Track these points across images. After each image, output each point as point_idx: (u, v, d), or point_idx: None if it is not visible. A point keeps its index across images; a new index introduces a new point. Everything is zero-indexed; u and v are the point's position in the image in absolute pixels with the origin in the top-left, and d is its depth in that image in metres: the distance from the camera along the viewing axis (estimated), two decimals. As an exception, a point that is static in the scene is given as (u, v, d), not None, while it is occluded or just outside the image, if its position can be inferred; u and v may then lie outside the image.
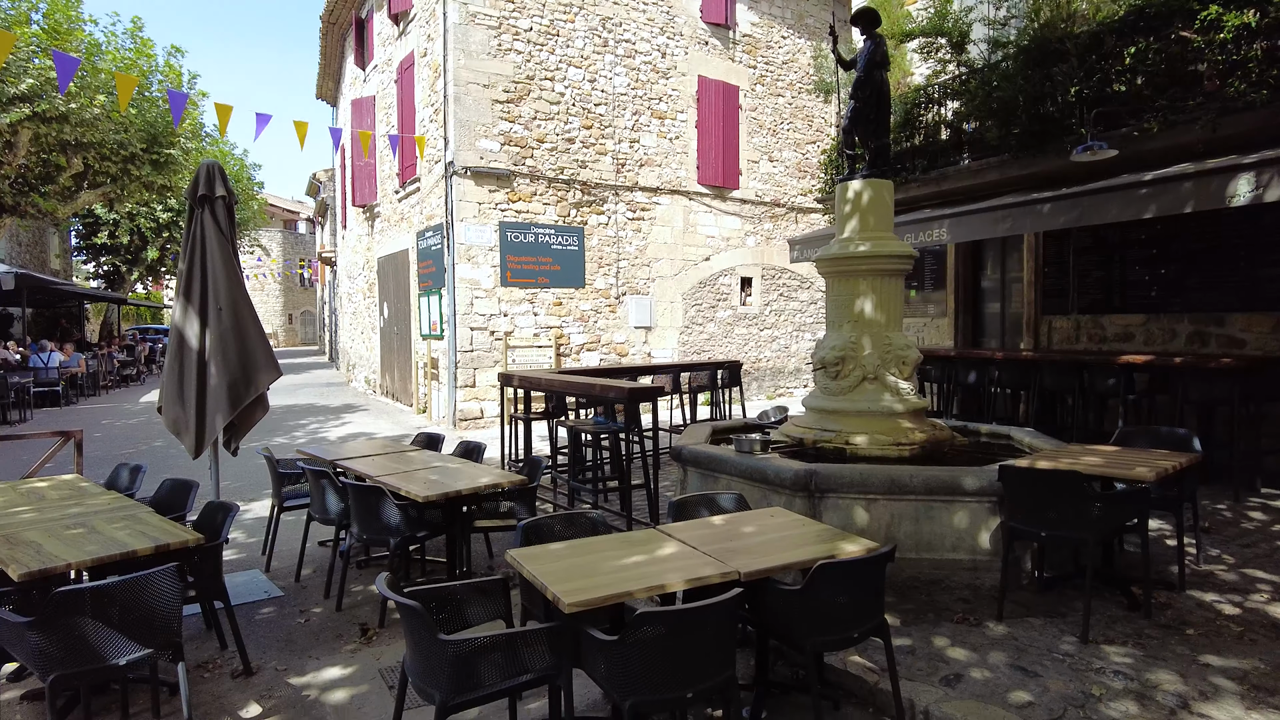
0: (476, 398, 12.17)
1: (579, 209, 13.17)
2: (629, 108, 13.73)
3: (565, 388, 6.16)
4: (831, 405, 5.68)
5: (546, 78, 12.70)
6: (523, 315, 12.59)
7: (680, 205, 14.55)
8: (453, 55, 11.81)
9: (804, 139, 16.63)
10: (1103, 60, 7.16)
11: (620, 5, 13.56)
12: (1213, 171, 6.00)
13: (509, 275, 12.40)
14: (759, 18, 15.66)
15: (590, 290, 13.41)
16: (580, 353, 13.28)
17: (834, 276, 5.84)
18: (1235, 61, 6.29)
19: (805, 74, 16.53)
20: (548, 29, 12.70)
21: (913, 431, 5.51)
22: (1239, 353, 7.77)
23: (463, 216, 11.91)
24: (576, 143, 13.08)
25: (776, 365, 16.33)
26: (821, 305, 17.05)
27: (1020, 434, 6.14)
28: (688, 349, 14.77)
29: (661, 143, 14.20)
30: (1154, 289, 8.53)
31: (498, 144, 12.21)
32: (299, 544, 5.52)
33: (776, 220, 16.18)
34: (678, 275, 14.58)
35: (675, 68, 14.33)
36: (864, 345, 5.66)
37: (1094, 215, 6.78)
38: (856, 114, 5.89)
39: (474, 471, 4.96)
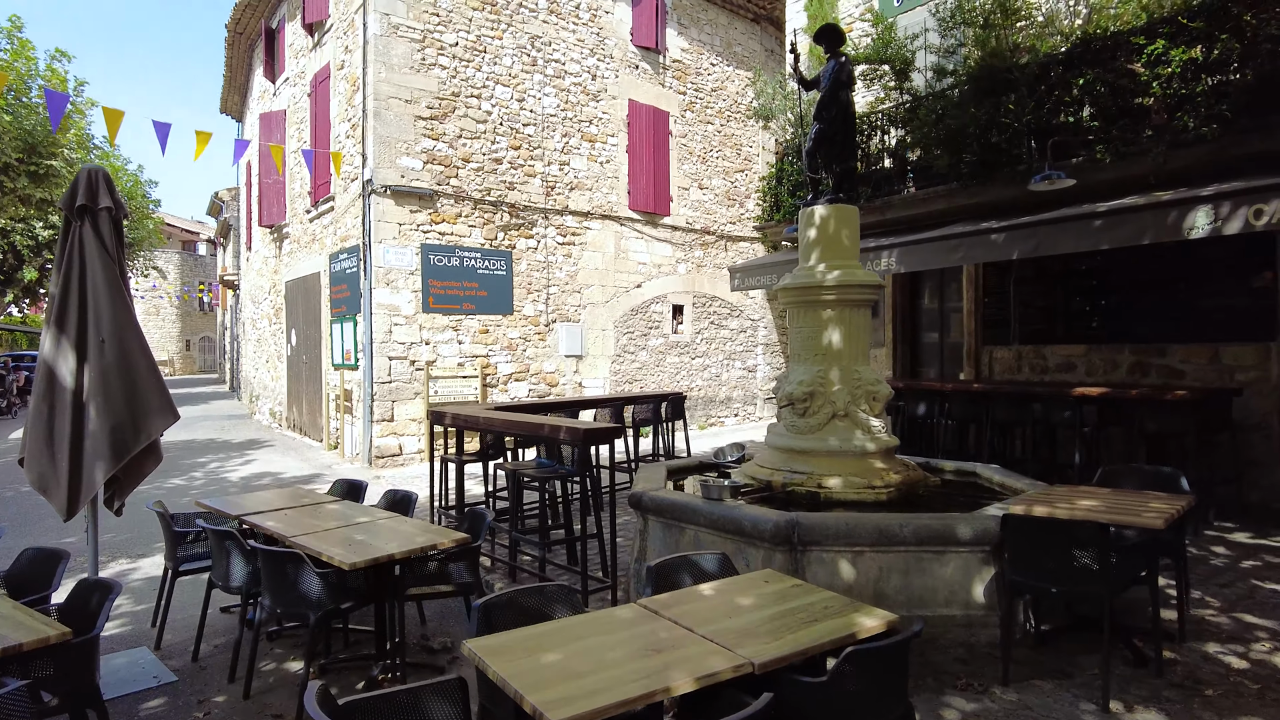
0: (395, 433, 11.31)
1: (507, 232, 12.56)
2: (559, 129, 13.25)
3: (507, 427, 5.54)
4: (800, 444, 5.25)
5: (473, 95, 12.10)
6: (446, 343, 11.84)
7: (612, 231, 14.11)
8: (373, 68, 11.09)
9: (733, 167, 16.51)
10: (1052, 91, 7.10)
11: (550, 24, 13.12)
12: (1171, 203, 5.94)
13: (431, 301, 11.65)
14: (689, 44, 15.51)
15: (519, 317, 12.77)
16: (508, 383, 12.60)
17: (799, 307, 5.46)
18: (1184, 95, 6.29)
19: (734, 102, 16.46)
20: (474, 45, 12.13)
21: (887, 472, 5.13)
22: (1179, 383, 7.81)
23: (381, 238, 11.12)
24: (504, 163, 12.50)
25: (708, 394, 15.99)
26: (751, 334, 16.88)
27: (987, 471, 5.87)
28: (620, 378, 14.27)
29: (592, 166, 13.76)
30: (1095, 320, 8.55)
31: (420, 162, 11.51)
32: (198, 612, 4.70)
33: (707, 248, 15.93)
34: (609, 302, 14.10)
35: (606, 90, 13.96)
36: (832, 380, 5.27)
37: (1051, 246, 6.66)
38: (821, 136, 5.56)
39: (406, 529, 4.29)
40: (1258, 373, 7.40)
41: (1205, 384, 7.62)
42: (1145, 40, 6.46)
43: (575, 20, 13.50)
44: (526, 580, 5.44)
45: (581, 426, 4.78)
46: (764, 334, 17.17)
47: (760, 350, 17.11)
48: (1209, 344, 7.68)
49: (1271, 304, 7.29)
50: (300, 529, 4.35)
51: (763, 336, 17.14)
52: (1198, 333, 7.76)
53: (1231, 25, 6.00)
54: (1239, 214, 5.56)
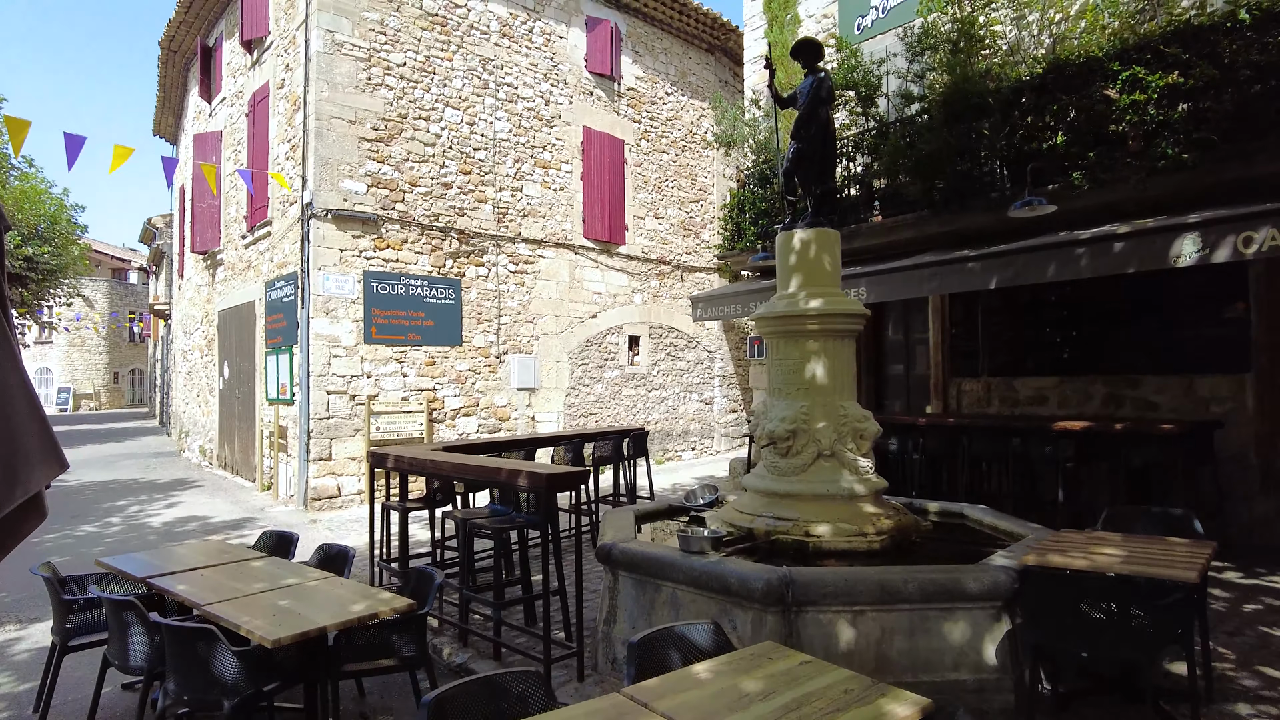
0: (333, 473, 10.54)
1: (456, 259, 11.98)
2: (511, 154, 12.79)
3: (458, 471, 4.96)
4: (783, 487, 4.80)
5: (421, 117, 11.58)
6: (390, 376, 11.15)
7: (566, 259, 13.64)
8: (315, 87, 10.50)
9: (688, 197, 16.25)
10: (1025, 116, 6.92)
11: (502, 47, 12.72)
12: (1156, 230, 5.73)
13: (374, 331, 10.98)
14: (643, 72, 15.28)
15: (468, 348, 12.15)
16: (456, 418, 11.94)
17: (779, 337, 5.04)
18: (1161, 122, 6.14)
19: (689, 132, 16.27)
20: (423, 65, 11.64)
21: (879, 518, 4.71)
22: (1154, 415, 7.63)
23: (321, 264, 10.45)
24: (454, 188, 11.96)
25: (665, 428, 15.52)
26: (708, 365, 16.51)
27: (975, 512, 5.50)
28: (575, 412, 13.71)
29: (546, 193, 13.32)
30: (1067, 351, 8.36)
31: (364, 185, 10.91)
32: (90, 693, 3.99)
33: (663, 278, 15.58)
34: (564, 333, 13.58)
35: (560, 116, 13.59)
36: (817, 416, 4.85)
37: (1030, 274, 6.41)
38: (799, 156, 5.19)
39: (341, 593, 3.68)
40: (1234, 404, 7.25)
41: (1180, 416, 7.45)
42: (1120, 66, 6.31)
43: (528, 44, 13.13)
44: (479, 644, 4.84)
45: (544, 471, 4.24)
46: (721, 366, 16.83)
47: (718, 382, 16.75)
48: (1183, 375, 7.52)
49: (1245, 335, 7.16)
50: (218, 594, 3.72)
51: (719, 368, 16.80)
52: (1172, 364, 7.60)
53: (1209, 51, 5.87)
54: (1227, 242, 5.36)
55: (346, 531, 9.10)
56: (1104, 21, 7.61)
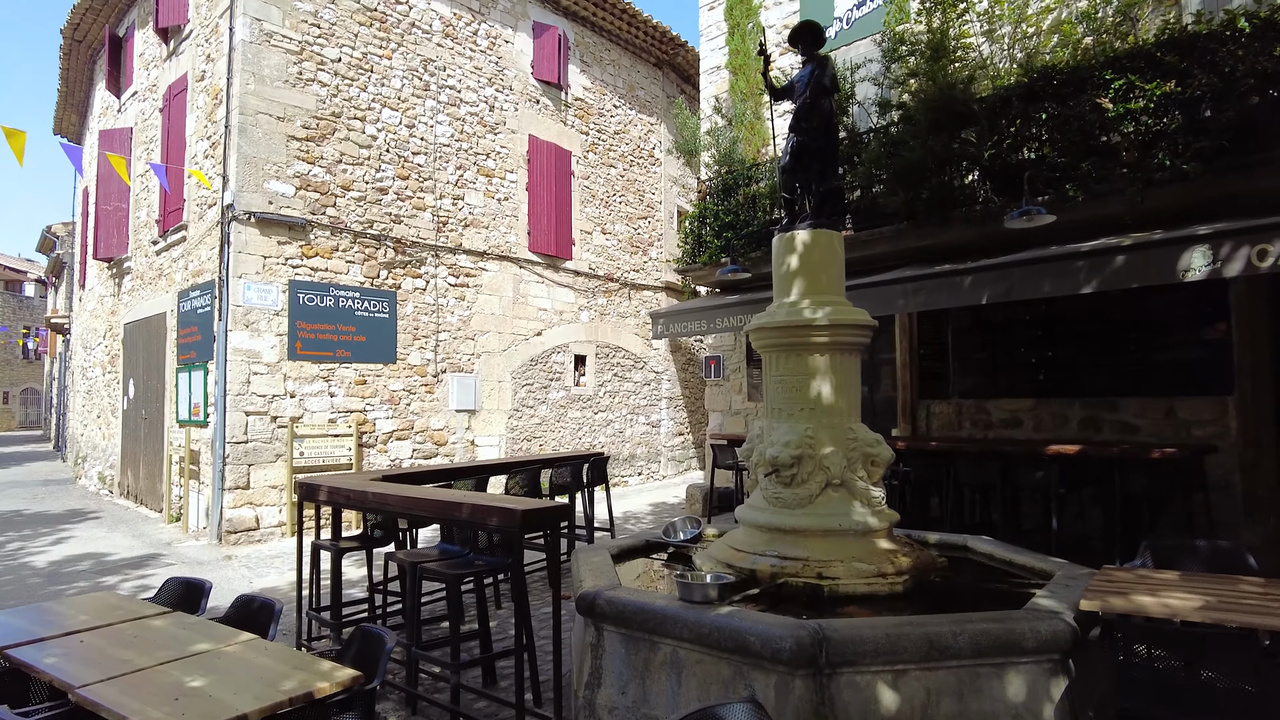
0: (251, 502, 9.49)
1: (391, 270, 11.12)
2: (453, 161, 12.03)
3: (406, 506, 4.18)
4: (788, 521, 4.20)
5: (356, 117, 10.75)
6: (316, 396, 10.18)
7: (510, 273, 12.91)
8: (240, 79, 9.57)
9: (636, 213, 15.75)
10: (1012, 125, 6.60)
11: (445, 48, 12.00)
12: (1162, 243, 5.41)
13: (300, 346, 10.01)
14: (591, 83, 14.75)
15: (403, 366, 11.26)
16: (389, 442, 11.01)
17: (779, 351, 4.47)
18: (1158, 132, 5.88)
19: (637, 147, 15.81)
20: (360, 62, 10.83)
21: (896, 555, 4.15)
22: (1135, 439, 7.37)
23: (243, 272, 9.47)
24: (390, 194, 11.13)
25: (611, 451, 14.81)
26: (655, 387, 15.94)
27: (980, 544, 5.03)
28: (517, 435, 12.90)
29: (489, 203, 12.58)
30: (1042, 372, 8.07)
31: (292, 188, 9.99)
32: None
33: (610, 296, 14.98)
34: (507, 351, 12.80)
35: (505, 123, 12.91)
36: (824, 441, 4.28)
37: (1026, 289, 6.03)
38: (800, 150, 4.67)
39: (266, 663, 2.89)
40: (1216, 428, 7.03)
41: (1161, 440, 7.20)
42: (1113, 74, 6.05)
43: (473, 46, 12.45)
44: (431, 712, 4.06)
45: (516, 506, 3.53)
46: (668, 387, 16.28)
47: (665, 404, 16.18)
48: (1164, 398, 7.29)
49: (1227, 356, 6.97)
50: (103, 669, 2.89)
51: (667, 390, 16.24)
52: (1152, 386, 7.36)
53: (1208, 60, 5.64)
54: (1240, 254, 5.07)
55: (267, 569, 8.10)
56: (1078, 35, 7.44)
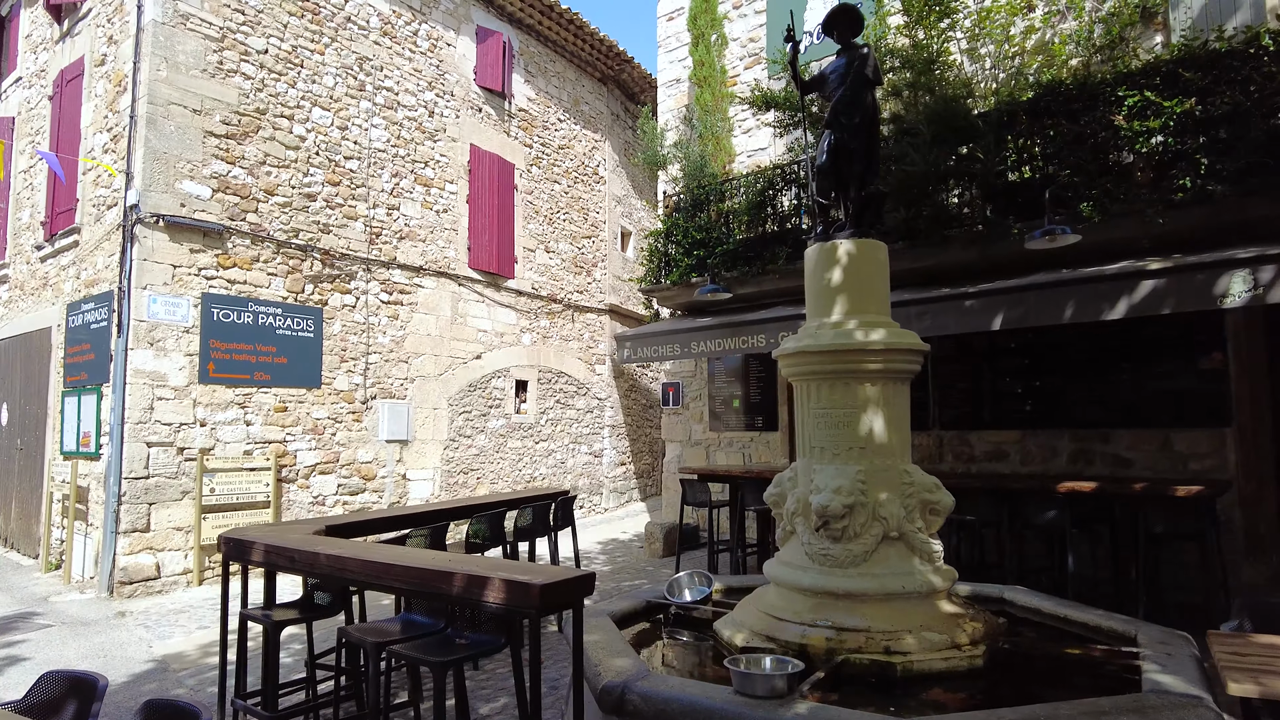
0: (151, 547, 8.21)
1: (318, 284, 10.04)
2: (389, 168, 11.07)
3: (373, 575, 3.28)
4: (841, 584, 3.52)
5: (284, 115, 9.70)
6: (230, 425, 8.99)
7: (448, 290, 11.96)
8: (150, 64, 8.43)
9: (580, 232, 15.03)
10: (1018, 141, 6.22)
11: (383, 47, 11.07)
12: (1196, 267, 5.06)
13: (212, 368, 8.83)
14: (535, 94, 14.02)
15: (328, 392, 10.15)
16: (310, 476, 9.85)
17: (821, 380, 3.81)
18: (1178, 152, 5.56)
19: (582, 163, 15.13)
20: (289, 56, 9.80)
21: (964, 620, 3.52)
22: (1128, 473, 7.06)
23: (148, 283, 8.27)
24: (319, 200, 10.08)
25: (552, 484, 13.91)
26: (598, 414, 15.15)
27: (1019, 595, 4.48)
28: (453, 468, 11.88)
29: (427, 214, 11.64)
30: (1029, 402, 7.72)
31: (209, 189, 8.85)
32: None
33: (554, 318, 14.16)
34: (443, 375, 11.81)
35: (445, 130, 12.03)
36: (877, 485, 3.64)
37: (1045, 314, 5.61)
38: (838, 150, 4.06)
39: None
40: (1213, 461, 6.77)
41: (1157, 473, 6.91)
42: (1128, 90, 5.73)
43: (412, 47, 11.56)
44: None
45: (532, 579, 2.73)
46: (611, 415, 15.51)
47: (607, 433, 15.40)
48: (1158, 430, 7.01)
49: (1224, 387, 6.73)
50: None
51: (610, 418, 15.47)
52: (1145, 418, 7.08)
53: (1234, 78, 5.36)
54: (1285, 280, 4.73)
55: (169, 628, 6.91)
56: (1065, 56, 7.20)
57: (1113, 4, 7.12)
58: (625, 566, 8.91)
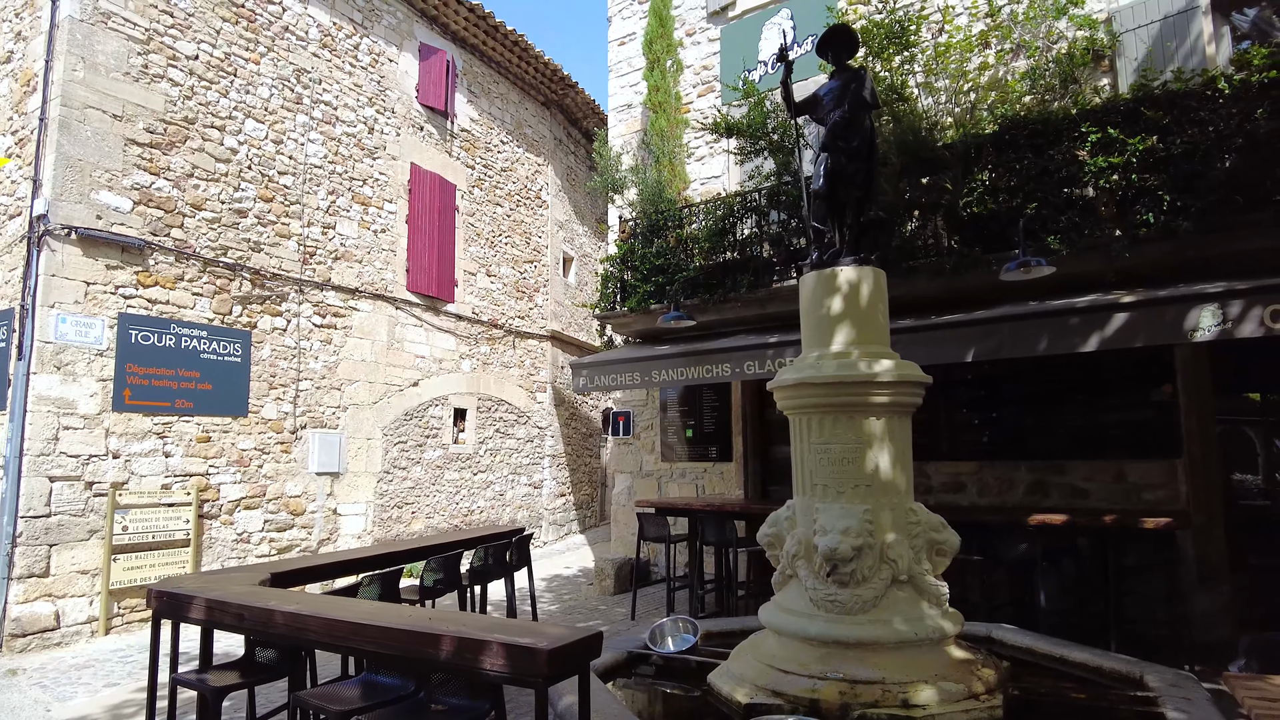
0: (50, 593, 7.40)
1: (247, 306, 9.41)
2: (325, 185, 10.54)
3: (342, 637, 2.87)
4: (851, 632, 3.29)
5: (214, 125, 9.11)
6: (147, 457, 8.26)
7: (385, 314, 11.42)
8: (65, 63, 7.78)
9: (522, 256, 14.68)
10: (984, 173, 6.25)
11: (322, 60, 10.59)
12: (1167, 301, 5.11)
13: (129, 395, 8.11)
14: (478, 114, 13.69)
15: (256, 421, 9.48)
16: (235, 511, 9.14)
17: (823, 413, 3.61)
18: (1141, 188, 5.66)
19: (525, 186, 14.83)
20: (221, 63, 9.24)
21: (976, 666, 3.35)
22: (1084, 504, 7.12)
23: (56, 301, 7.55)
24: (250, 217, 9.48)
25: (491, 517, 13.39)
26: (539, 444, 14.71)
27: (1009, 635, 4.38)
28: (387, 502, 11.26)
29: (364, 234, 11.13)
30: (987, 434, 7.74)
31: (129, 201, 8.19)
32: None
33: (494, 344, 13.72)
34: (378, 403, 11.23)
35: (385, 148, 11.57)
36: (884, 525, 3.44)
37: (1019, 347, 5.59)
38: (835, 173, 3.90)
39: None
40: (1166, 491, 6.89)
41: (1112, 504, 7.00)
42: (1091, 126, 5.82)
43: (353, 62, 11.11)
44: None
45: (540, 645, 2.40)
46: (551, 444, 15.09)
47: (548, 463, 14.96)
48: (1113, 461, 7.10)
49: (1175, 418, 6.87)
50: None
51: (550, 447, 15.04)
52: (1100, 449, 7.17)
53: (1194, 117, 5.50)
54: (1253, 315, 4.82)
55: (71, 687, 6.18)
56: (1019, 93, 7.33)
57: (1063, 46, 7.31)
58: (575, 606, 8.51)
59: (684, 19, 10.35)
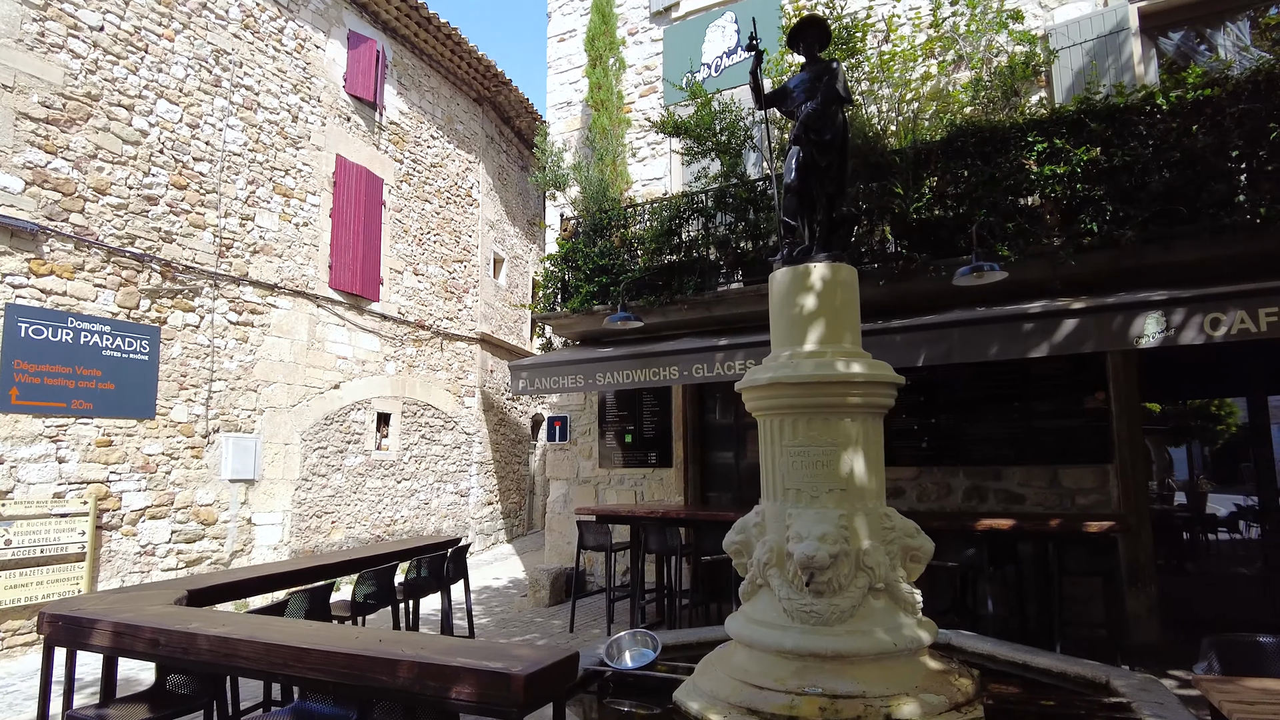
0: (-78, 614, 6.64)
1: (156, 300, 8.73)
2: (244, 174, 9.92)
3: (280, 663, 2.54)
4: (828, 644, 3.14)
5: (122, 104, 8.42)
6: (37, 462, 7.52)
7: (306, 312, 10.82)
8: (-55, 26, 7.04)
9: (451, 256, 14.20)
10: (933, 178, 6.27)
11: (243, 41, 9.97)
12: (1116, 308, 5.18)
13: (17, 395, 7.38)
14: (409, 108, 13.20)
15: (164, 424, 8.80)
16: (139, 521, 8.44)
17: (797, 414, 3.46)
18: (1085, 197, 5.77)
19: (455, 184, 14.38)
20: (131, 37, 8.56)
21: (953, 675, 3.24)
22: (1020, 509, 7.24)
23: (-67, 289, 6.80)
24: (162, 205, 8.81)
25: (415, 526, 12.85)
26: (466, 450, 14.24)
27: (969, 642, 4.34)
28: (306, 511, 10.64)
29: (285, 227, 10.53)
30: (925, 440, 7.80)
31: (21, 181, 7.47)
32: None
33: (420, 345, 13.21)
34: (297, 406, 10.62)
35: (309, 138, 10.99)
36: (860, 532, 3.31)
37: (970, 352, 5.59)
38: (806, 166, 3.77)
39: None
40: (1098, 496, 7.06)
41: (1047, 509, 7.14)
42: (1037, 136, 5.91)
43: (277, 46, 10.51)
44: None
45: (514, 670, 2.14)
46: (479, 451, 14.63)
47: (475, 470, 14.49)
48: (1048, 466, 7.25)
49: (1106, 424, 7.05)
50: None
51: (478, 454, 14.58)
52: (1035, 455, 7.31)
53: (1135, 131, 5.64)
54: (1194, 323, 4.93)
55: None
56: (964, 103, 7.44)
57: (1003, 60, 7.45)
58: (509, 620, 8.17)
59: (626, 17, 10.18)
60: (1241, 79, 5.47)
